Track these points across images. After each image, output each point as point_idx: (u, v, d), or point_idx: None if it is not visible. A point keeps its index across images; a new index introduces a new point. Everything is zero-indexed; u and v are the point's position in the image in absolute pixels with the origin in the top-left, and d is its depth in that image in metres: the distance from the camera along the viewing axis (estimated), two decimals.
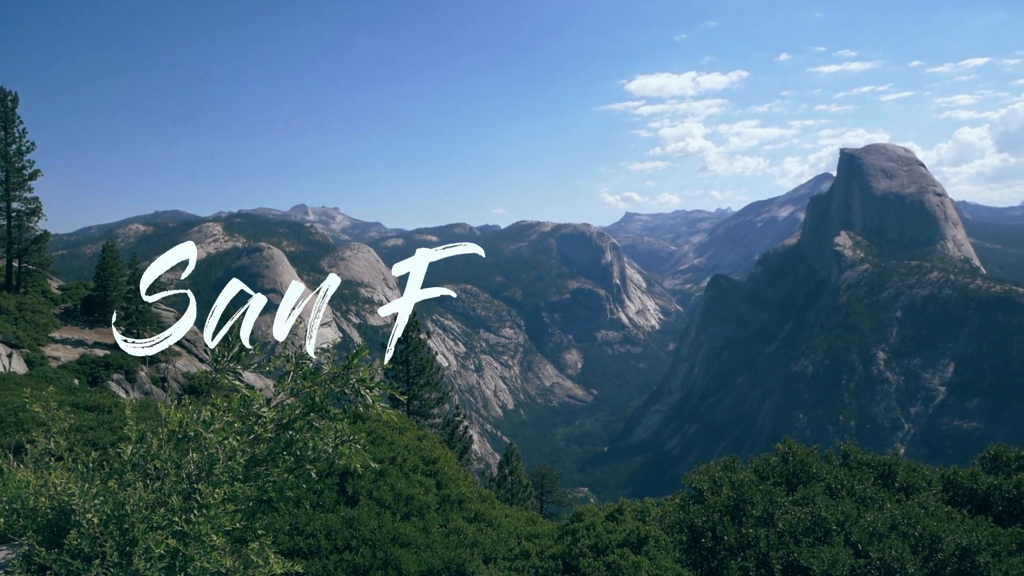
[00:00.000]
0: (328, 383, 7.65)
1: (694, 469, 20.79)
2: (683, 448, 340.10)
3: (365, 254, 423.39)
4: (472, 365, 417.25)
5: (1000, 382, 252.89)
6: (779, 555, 15.50)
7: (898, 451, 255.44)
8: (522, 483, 68.69)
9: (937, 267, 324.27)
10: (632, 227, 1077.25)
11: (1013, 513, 17.74)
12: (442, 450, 29.40)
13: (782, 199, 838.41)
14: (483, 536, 20.54)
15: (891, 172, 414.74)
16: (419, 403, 54.09)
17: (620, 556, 16.24)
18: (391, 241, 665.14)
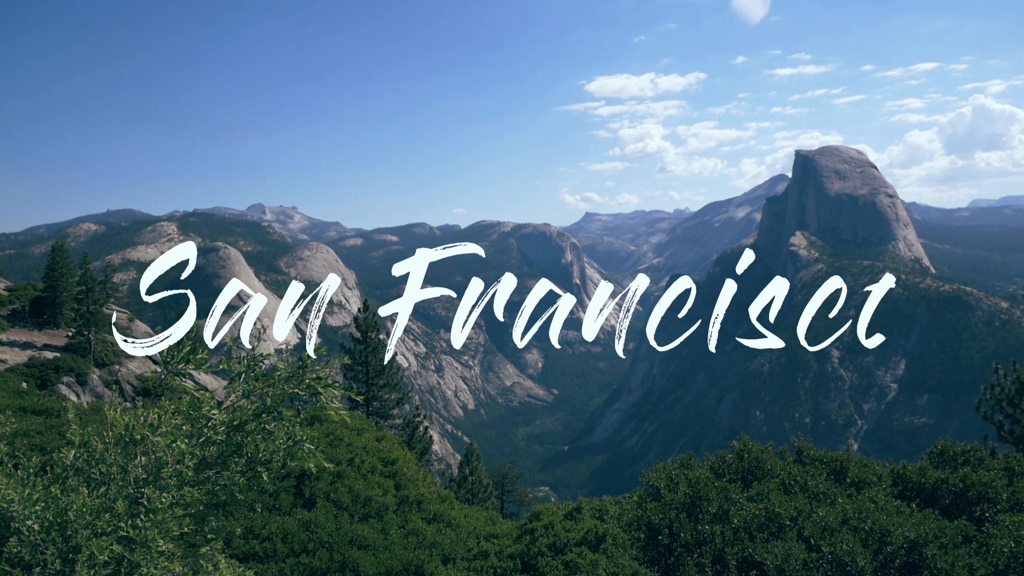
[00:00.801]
0: (281, 383, 7.53)
1: (651, 467, 20.96)
2: (643, 446, 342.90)
3: (324, 254, 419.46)
4: (432, 365, 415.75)
5: (949, 379, 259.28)
6: (734, 551, 15.69)
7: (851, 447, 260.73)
8: (483, 483, 68.59)
9: (889, 267, 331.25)
10: (592, 227, 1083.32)
11: (959, 506, 18.18)
12: (401, 451, 29.25)
13: (739, 200, 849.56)
14: (442, 537, 20.47)
15: (844, 174, 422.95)
16: (379, 404, 53.75)
17: (578, 554, 16.30)
18: (350, 241, 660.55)
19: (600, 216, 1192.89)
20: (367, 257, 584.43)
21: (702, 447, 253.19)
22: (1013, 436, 35.39)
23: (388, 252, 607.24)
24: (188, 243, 12.68)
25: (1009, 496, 17.66)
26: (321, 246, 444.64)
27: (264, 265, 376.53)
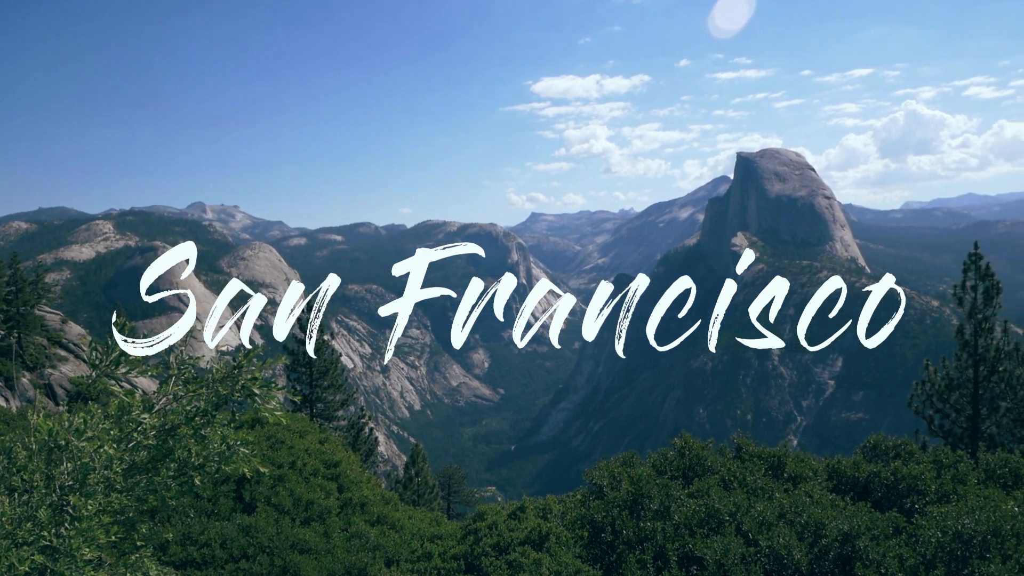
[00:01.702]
0: (215, 385, 7.37)
1: (595, 466, 21.13)
2: (589, 445, 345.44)
3: (267, 253, 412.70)
4: (378, 366, 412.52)
5: (883, 375, 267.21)
6: (675, 546, 15.92)
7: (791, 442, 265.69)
8: (428, 484, 68.37)
9: (826, 266, 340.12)
10: (538, 227, 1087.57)
11: (891, 499, 18.74)
12: (345, 453, 28.97)
13: (682, 200, 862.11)
14: (385, 539, 20.35)
15: (784, 176, 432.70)
16: (323, 406, 53.06)
17: (521, 554, 16.35)
18: (294, 240, 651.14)
19: (546, 216, 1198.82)
20: (311, 257, 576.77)
21: (647, 445, 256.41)
22: (943, 430, 36.63)
23: (333, 252, 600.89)
24: (188, 243, 12.55)
25: (937, 488, 18.27)
26: (264, 246, 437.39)
27: (205, 265, 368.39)
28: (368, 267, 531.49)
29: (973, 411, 35.58)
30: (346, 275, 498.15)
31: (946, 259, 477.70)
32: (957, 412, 36.09)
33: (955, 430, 36.13)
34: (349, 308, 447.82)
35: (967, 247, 36.54)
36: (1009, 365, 35.18)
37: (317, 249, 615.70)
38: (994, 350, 35.21)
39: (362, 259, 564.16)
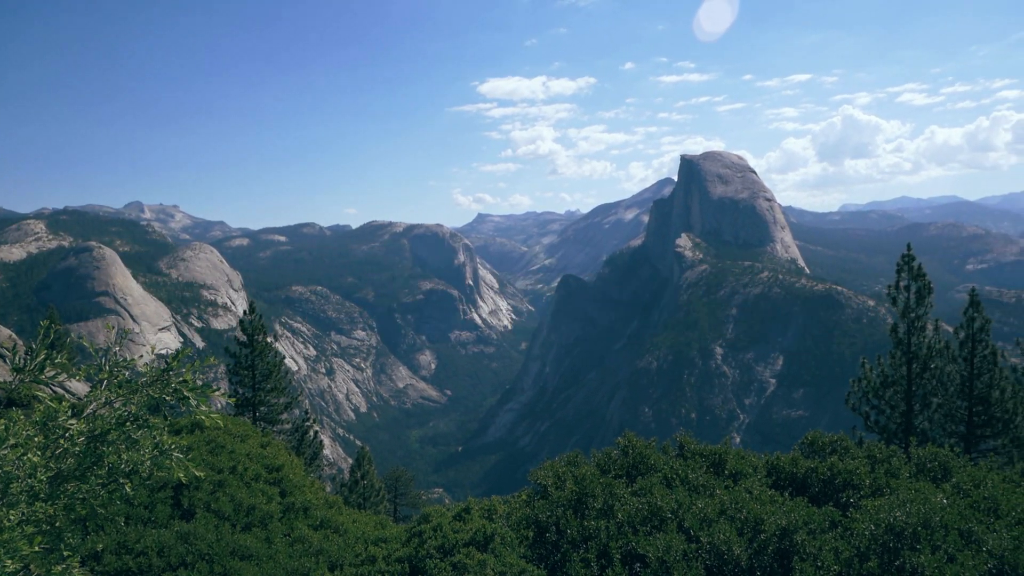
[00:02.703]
0: (145, 389, 7.17)
1: (540, 466, 21.21)
2: (536, 445, 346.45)
3: (208, 254, 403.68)
4: (323, 368, 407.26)
5: (822, 373, 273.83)
6: (618, 545, 16.06)
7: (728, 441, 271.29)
8: (375, 487, 67.88)
9: (767, 267, 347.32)
10: (484, 228, 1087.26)
11: (827, 493, 19.22)
12: (287, 457, 28.53)
13: (628, 202, 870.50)
14: (329, 543, 20.08)
15: (726, 178, 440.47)
16: (267, 409, 52.21)
17: (466, 555, 16.31)
18: (236, 241, 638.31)
19: (492, 217, 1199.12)
20: (254, 258, 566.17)
21: (593, 444, 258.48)
22: (878, 426, 37.69)
23: (276, 253, 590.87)
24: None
25: (871, 482, 18.79)
26: (205, 246, 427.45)
27: (143, 266, 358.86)
28: (313, 268, 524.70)
29: (907, 407, 36.68)
30: (290, 276, 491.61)
31: (881, 260, 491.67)
32: (892, 408, 37.15)
33: (890, 426, 37.20)
34: (293, 310, 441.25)
35: (901, 248, 37.66)
36: (940, 362, 36.35)
37: (260, 250, 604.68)
38: (926, 348, 36.35)
39: (306, 260, 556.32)
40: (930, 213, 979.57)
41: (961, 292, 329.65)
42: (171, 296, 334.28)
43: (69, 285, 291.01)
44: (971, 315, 36.49)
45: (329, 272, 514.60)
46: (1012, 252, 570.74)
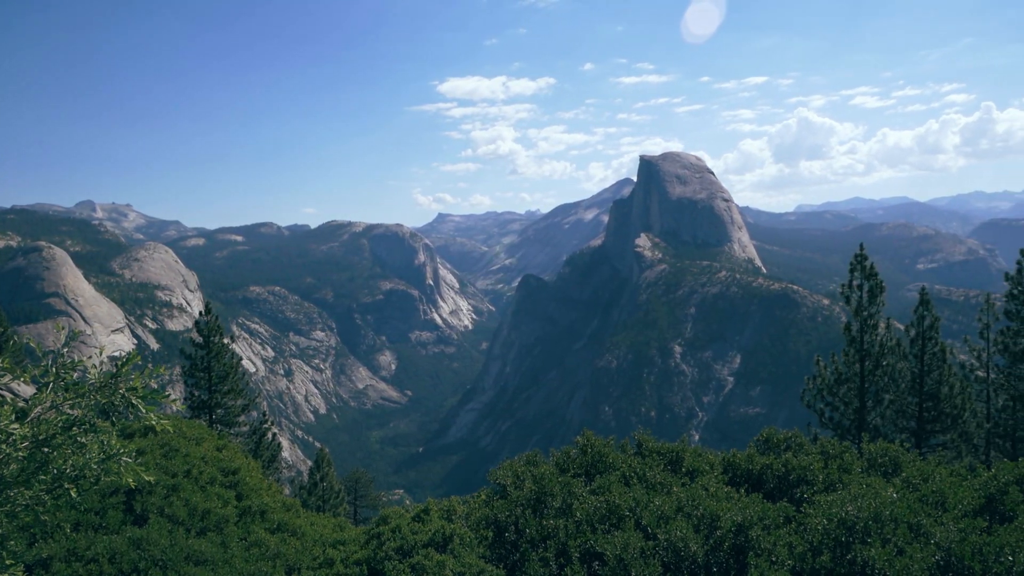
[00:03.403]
0: (93, 393, 7.01)
1: (499, 465, 21.22)
2: (497, 445, 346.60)
3: (163, 254, 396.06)
4: (281, 370, 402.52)
5: (779, 371, 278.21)
6: (577, 543, 16.14)
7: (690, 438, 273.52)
8: (334, 489, 67.37)
9: (725, 267, 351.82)
10: (445, 228, 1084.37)
11: (782, 489, 19.53)
12: (244, 460, 28.13)
13: (587, 202, 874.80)
14: (286, 547, 19.86)
15: (685, 179, 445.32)
16: (223, 411, 51.43)
17: (425, 556, 16.25)
18: (192, 241, 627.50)
19: (453, 217, 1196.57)
20: (210, 258, 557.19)
21: (554, 443, 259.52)
22: (833, 422, 38.41)
23: (233, 253, 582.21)
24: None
25: (824, 478, 19.15)
26: (159, 246, 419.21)
27: (95, 267, 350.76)
28: (270, 268, 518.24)
29: (860, 404, 37.42)
30: (247, 277, 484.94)
31: (836, 259, 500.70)
32: (845, 405, 37.88)
33: (843, 422, 37.93)
34: (251, 310, 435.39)
35: (855, 248, 38.44)
36: (892, 359, 37.16)
37: (216, 250, 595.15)
38: (878, 345, 37.14)
39: (264, 260, 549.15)
40: (882, 214, 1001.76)
41: (912, 291, 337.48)
42: (124, 297, 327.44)
43: (17, 286, 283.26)
44: (921, 313, 37.37)
45: (287, 272, 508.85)
46: (960, 252, 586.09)
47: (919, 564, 13.24)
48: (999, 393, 42.50)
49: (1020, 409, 40.75)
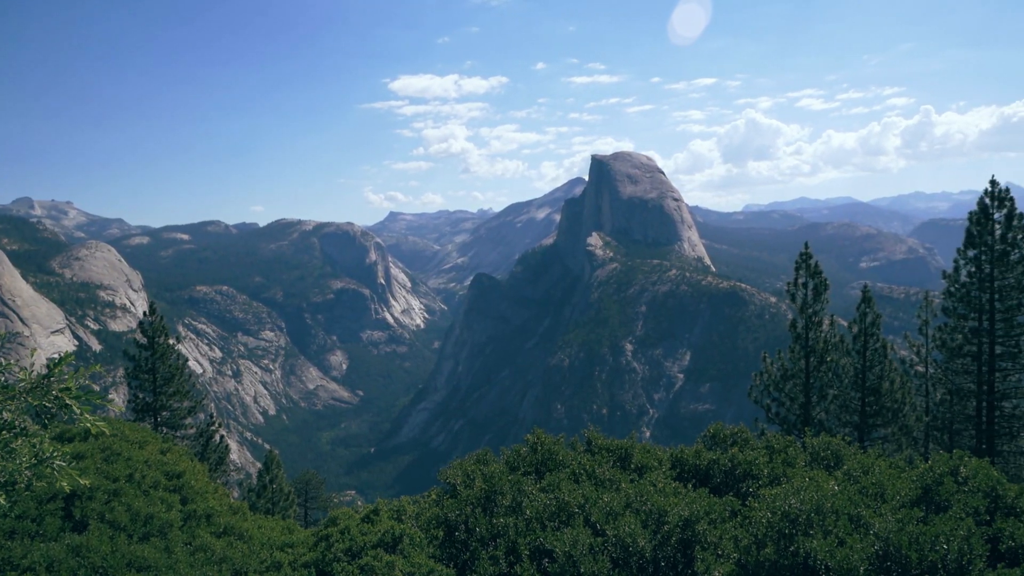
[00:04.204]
0: (24, 396, 6.80)
1: (449, 464, 21.19)
2: (449, 444, 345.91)
3: (105, 253, 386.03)
4: (230, 371, 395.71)
5: (728, 367, 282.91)
6: (526, 541, 16.20)
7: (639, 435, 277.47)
8: (284, 491, 66.66)
9: (675, 265, 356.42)
10: (396, 226, 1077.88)
11: (729, 483, 19.87)
12: (189, 463, 27.61)
13: (539, 201, 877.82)
14: (233, 551, 19.53)
15: (636, 178, 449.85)
16: (169, 414, 50.54)
17: (374, 557, 16.14)
18: (136, 239, 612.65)
19: (405, 215, 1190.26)
20: (155, 257, 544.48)
21: (507, 442, 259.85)
22: (779, 417, 39.18)
23: (179, 252, 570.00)
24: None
25: (769, 472, 19.53)
26: (102, 245, 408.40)
27: (33, 266, 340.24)
28: (218, 267, 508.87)
29: (805, 399, 38.25)
30: (194, 276, 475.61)
31: (783, 258, 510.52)
32: (791, 400, 38.68)
33: (790, 417, 38.74)
34: (197, 310, 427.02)
35: (800, 247, 39.31)
36: (836, 356, 38.06)
37: (162, 249, 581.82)
38: (823, 342, 38.01)
39: (211, 259, 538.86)
40: (827, 213, 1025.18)
41: (855, 289, 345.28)
42: (65, 297, 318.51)
43: None
44: (863, 311, 38.34)
45: (235, 271, 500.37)
46: (901, 251, 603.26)
47: (859, 554, 13.58)
48: (937, 387, 43.88)
49: (957, 402, 42.13)
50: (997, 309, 38.62)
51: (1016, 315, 38.56)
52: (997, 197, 37.91)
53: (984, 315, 38.88)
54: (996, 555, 15.10)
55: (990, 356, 39.12)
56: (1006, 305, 38.50)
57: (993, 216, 38.01)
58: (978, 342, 39.35)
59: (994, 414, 39.85)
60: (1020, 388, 39.79)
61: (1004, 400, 40.01)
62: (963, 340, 39.97)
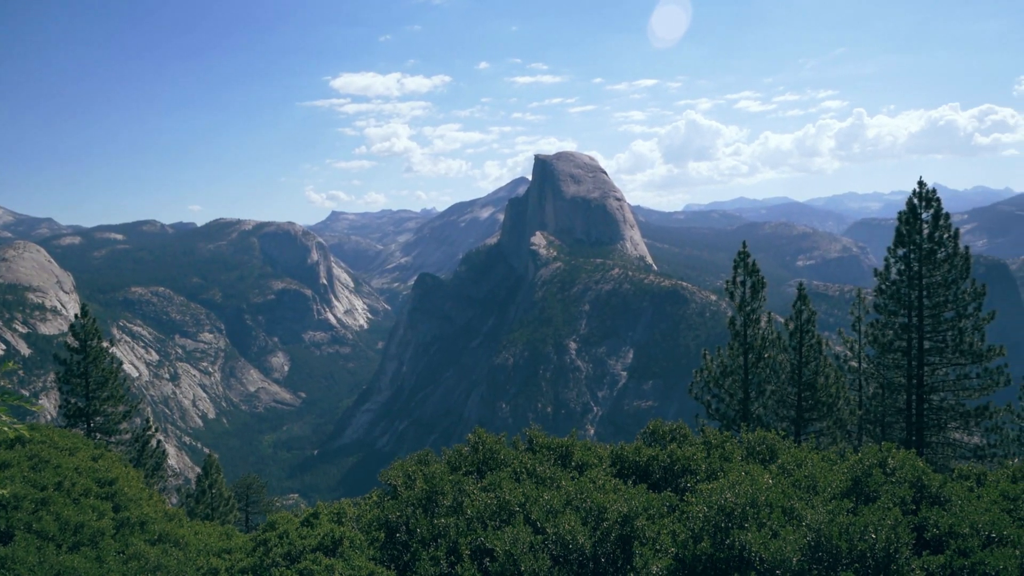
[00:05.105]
0: None
1: (390, 465, 21.07)
2: (394, 445, 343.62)
3: (34, 254, 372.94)
4: (167, 374, 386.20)
5: (670, 365, 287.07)
6: (467, 541, 16.20)
7: (586, 432, 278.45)
8: (223, 496, 65.56)
9: (618, 264, 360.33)
10: (339, 226, 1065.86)
11: (668, 479, 20.17)
12: (123, 469, 26.96)
13: (483, 200, 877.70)
14: (167, 558, 19.11)
15: (579, 178, 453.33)
16: (102, 419, 49.14)
17: (313, 561, 15.97)
18: (67, 239, 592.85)
19: (347, 215, 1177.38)
20: (87, 258, 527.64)
21: (452, 442, 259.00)
22: (719, 413, 39.90)
23: (113, 252, 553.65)
24: None
25: (707, 467, 19.88)
26: (30, 245, 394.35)
27: None
28: (154, 268, 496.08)
29: (744, 395, 39.03)
30: (129, 277, 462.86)
31: (722, 257, 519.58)
32: (731, 396, 39.43)
33: (729, 412, 39.48)
34: (133, 312, 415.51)
35: (739, 246, 40.07)
36: (773, 352, 38.94)
37: (94, 249, 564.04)
38: (761, 339, 38.84)
39: (147, 260, 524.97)
40: (765, 213, 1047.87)
41: (792, 287, 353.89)
42: None
43: None
44: (799, 308, 39.28)
45: (172, 272, 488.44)
46: (836, 249, 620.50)
47: (791, 546, 13.92)
48: (869, 381, 45.22)
49: (888, 396, 43.47)
50: (925, 306, 39.90)
51: (943, 311, 39.84)
52: (925, 197, 39.17)
53: (913, 311, 40.11)
54: (922, 543, 15.64)
55: (919, 351, 40.40)
56: (934, 302, 39.78)
57: (921, 216, 39.24)
58: (908, 338, 40.60)
59: (923, 407, 41.18)
60: (947, 382, 41.15)
61: (932, 393, 41.34)
62: (894, 336, 41.21)
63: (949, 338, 39.85)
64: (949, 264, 38.79)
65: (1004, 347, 39.35)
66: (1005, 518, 15.80)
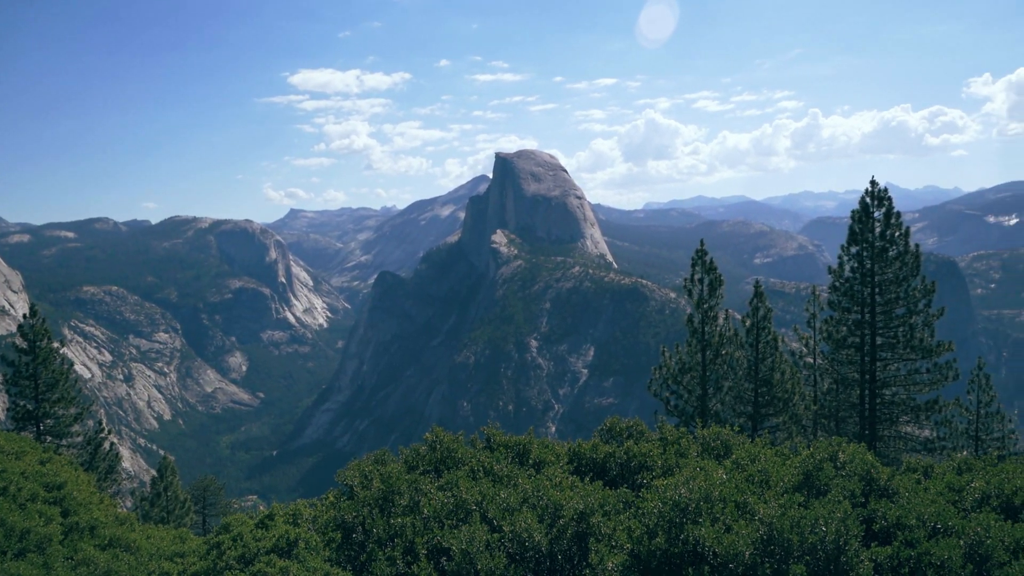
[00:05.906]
0: None
1: (347, 466, 20.91)
2: (355, 444, 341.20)
3: None
4: (121, 375, 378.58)
5: (630, 362, 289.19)
6: (424, 540, 16.17)
7: (548, 429, 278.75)
8: (179, 498, 64.73)
9: (579, 262, 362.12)
10: (297, 224, 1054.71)
11: (624, 476, 20.34)
12: (72, 473, 26.38)
13: (444, 198, 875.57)
14: (118, 563, 18.76)
15: (539, 176, 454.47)
16: (53, 422, 48.07)
17: (267, 563, 15.79)
18: (15, 237, 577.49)
19: (306, 213, 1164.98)
20: (37, 256, 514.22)
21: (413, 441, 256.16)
22: (677, 409, 40.35)
23: (63, 251, 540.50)
24: None
25: (663, 463, 20.09)
26: None
27: None
28: (107, 267, 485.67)
29: (702, 391, 39.52)
30: (80, 276, 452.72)
31: (681, 255, 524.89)
32: (689, 392, 39.91)
33: (687, 409, 39.96)
34: (85, 312, 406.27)
35: (698, 244, 40.56)
36: (730, 349, 39.50)
37: (44, 247, 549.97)
38: (718, 335, 39.36)
39: (100, 258, 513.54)
40: (723, 211, 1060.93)
41: (749, 284, 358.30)
42: None
43: None
44: (756, 305, 39.88)
45: (126, 271, 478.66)
46: (792, 247, 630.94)
47: (744, 540, 14.12)
48: (824, 377, 46.07)
49: (842, 391, 44.35)
50: (877, 302, 40.76)
51: (895, 308, 40.73)
52: (877, 196, 40.01)
53: (866, 308, 40.94)
54: (870, 534, 15.98)
55: (872, 347, 41.26)
56: (886, 298, 40.66)
57: (873, 214, 40.08)
58: (861, 334, 41.44)
59: (876, 401, 42.08)
60: (899, 377, 42.10)
61: (884, 388, 42.26)
62: (847, 332, 42.03)
63: (900, 334, 40.76)
64: (900, 261, 39.67)
65: (953, 343, 40.40)
66: (950, 509, 16.22)
